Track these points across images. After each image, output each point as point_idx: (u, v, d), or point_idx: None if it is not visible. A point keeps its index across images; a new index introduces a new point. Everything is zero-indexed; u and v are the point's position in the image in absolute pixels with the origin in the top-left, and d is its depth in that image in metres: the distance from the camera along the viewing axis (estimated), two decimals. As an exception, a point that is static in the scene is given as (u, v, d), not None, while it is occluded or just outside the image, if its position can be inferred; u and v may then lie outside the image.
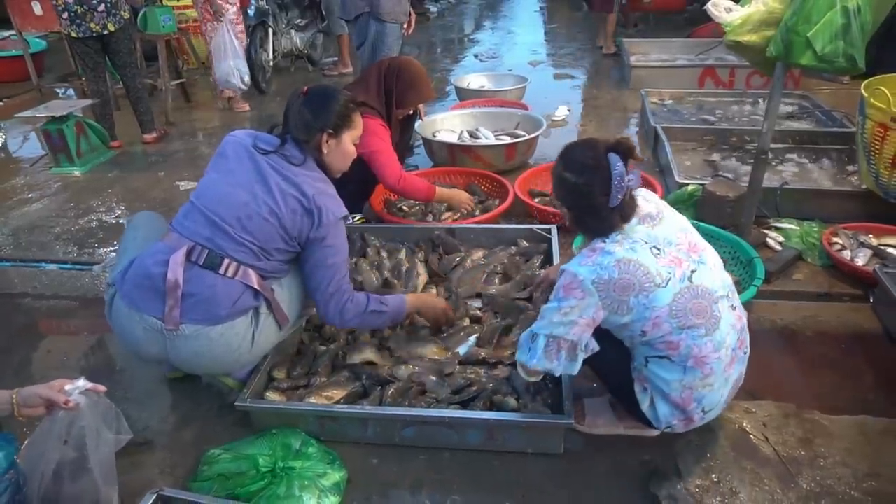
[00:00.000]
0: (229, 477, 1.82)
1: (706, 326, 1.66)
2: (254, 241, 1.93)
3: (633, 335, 1.69)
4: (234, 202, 1.94)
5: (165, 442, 2.07)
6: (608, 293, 1.61)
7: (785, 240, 3.00)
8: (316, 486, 1.77)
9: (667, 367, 1.70)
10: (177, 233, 1.96)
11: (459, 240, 2.92)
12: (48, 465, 1.62)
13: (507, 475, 1.88)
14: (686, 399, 1.72)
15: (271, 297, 2.00)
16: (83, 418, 1.62)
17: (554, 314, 1.66)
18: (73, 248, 3.41)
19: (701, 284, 1.67)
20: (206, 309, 1.90)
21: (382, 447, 1.97)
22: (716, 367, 1.70)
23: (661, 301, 1.61)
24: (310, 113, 2.02)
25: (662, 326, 1.63)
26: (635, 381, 1.77)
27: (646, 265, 1.61)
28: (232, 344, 1.95)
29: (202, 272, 1.90)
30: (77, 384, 1.60)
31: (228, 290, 1.91)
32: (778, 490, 1.79)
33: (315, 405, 1.99)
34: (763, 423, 2.02)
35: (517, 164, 3.96)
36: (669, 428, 1.79)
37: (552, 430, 1.88)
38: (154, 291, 1.90)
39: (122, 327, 1.98)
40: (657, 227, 1.69)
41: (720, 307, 1.70)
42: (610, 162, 1.60)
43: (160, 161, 4.64)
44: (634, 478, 1.85)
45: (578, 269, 1.64)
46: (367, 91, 2.99)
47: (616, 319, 1.65)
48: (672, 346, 1.66)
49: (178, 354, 1.96)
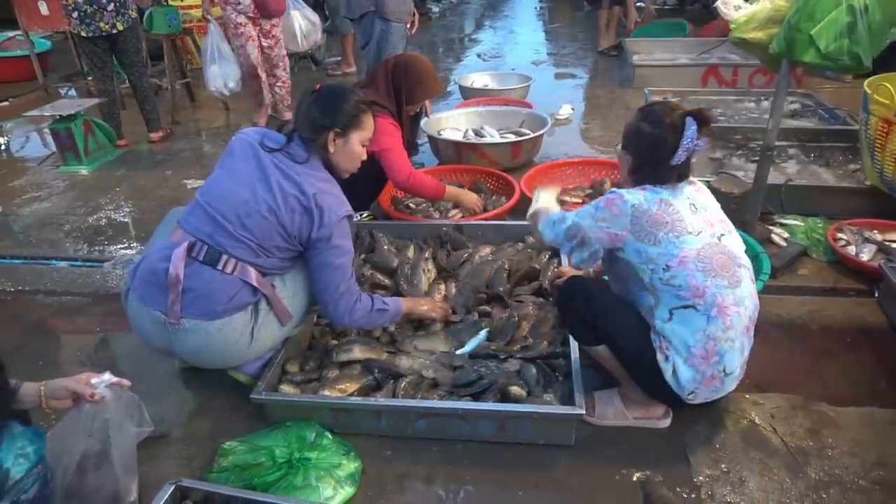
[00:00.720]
0: (245, 468, 1.85)
1: (729, 280, 1.75)
2: (252, 238, 1.95)
3: (657, 269, 1.75)
4: (235, 199, 1.96)
5: (181, 435, 2.09)
6: (640, 222, 1.76)
7: (790, 236, 3.02)
8: (332, 476, 1.80)
9: (691, 317, 1.75)
10: (182, 229, 2.00)
11: (467, 236, 2.95)
12: (72, 457, 1.65)
13: (519, 466, 1.90)
14: (710, 351, 1.76)
15: (271, 293, 2.01)
16: (107, 411, 1.66)
17: (588, 215, 1.85)
18: (83, 245, 3.44)
19: (728, 246, 1.79)
20: (205, 304, 1.93)
21: (396, 439, 2.00)
22: (736, 322, 1.76)
23: (690, 244, 1.74)
24: (318, 111, 2.03)
25: (688, 265, 1.73)
26: (657, 351, 1.80)
27: (682, 213, 1.76)
28: (230, 339, 1.98)
29: (202, 268, 1.93)
30: (103, 378, 1.63)
31: (225, 286, 1.93)
32: (787, 479, 1.82)
33: (329, 397, 2.01)
34: (771, 415, 2.05)
35: (522, 162, 3.99)
36: (692, 394, 1.81)
37: (564, 421, 1.90)
38: (159, 286, 1.94)
39: (134, 320, 2.05)
40: (699, 193, 1.86)
41: (742, 273, 1.79)
42: (685, 123, 1.75)
43: (167, 159, 4.67)
44: (645, 468, 1.88)
45: (626, 193, 1.80)
46: (376, 90, 3.02)
47: (643, 247, 1.76)
48: (698, 291, 1.72)
49: (181, 347, 2.01)
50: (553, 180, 3.65)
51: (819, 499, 1.76)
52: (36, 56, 6.55)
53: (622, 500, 1.79)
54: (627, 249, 1.80)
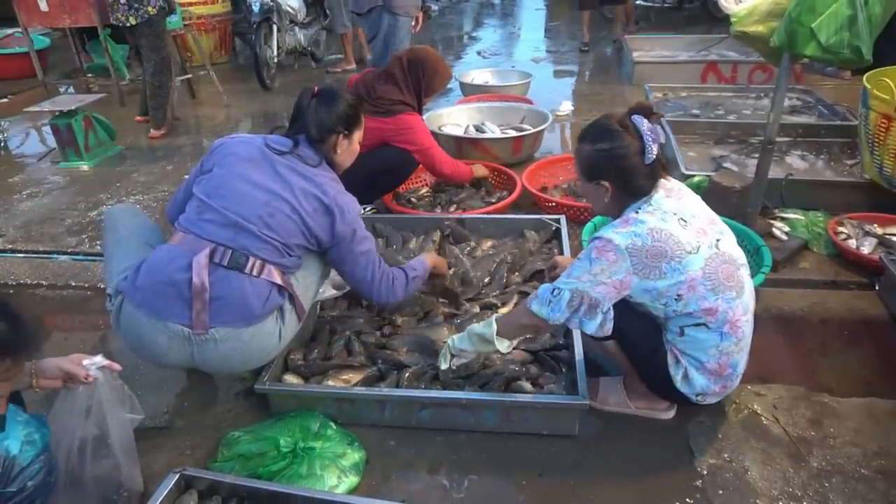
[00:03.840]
0: (250, 457, 1.85)
1: (736, 289, 1.73)
2: (277, 238, 1.90)
3: (669, 301, 1.71)
4: (254, 202, 1.90)
5: (184, 425, 2.09)
6: (640, 259, 1.66)
7: (790, 230, 3.03)
8: (336, 465, 1.81)
9: (703, 334, 1.74)
10: (190, 233, 1.90)
11: (469, 230, 2.96)
12: (72, 442, 1.64)
13: (523, 455, 1.91)
14: (723, 365, 1.77)
15: (293, 291, 1.99)
16: (101, 393, 1.63)
17: (583, 273, 1.70)
18: (85, 239, 3.43)
19: (727, 251, 1.75)
20: (237, 311, 1.86)
21: (399, 429, 2.00)
22: (746, 331, 1.77)
23: (693, 265, 1.67)
24: (326, 113, 2.03)
25: (698, 289, 1.68)
26: (668, 354, 1.80)
27: (675, 235, 1.67)
28: (263, 343, 1.94)
29: (227, 273, 1.85)
30: (94, 360, 1.62)
31: (257, 289, 1.87)
32: (789, 468, 1.83)
33: (333, 387, 2.02)
34: (773, 406, 2.06)
35: (524, 158, 3.99)
36: (701, 396, 1.82)
37: (567, 410, 1.91)
38: (179, 298, 1.83)
39: (140, 337, 1.89)
40: (681, 201, 1.76)
41: (742, 274, 1.78)
42: (635, 122, 1.70)
43: (167, 155, 4.67)
44: (648, 458, 1.88)
45: (613, 234, 1.69)
46: (399, 89, 3.06)
47: (651, 284, 1.69)
48: (710, 311, 1.70)
49: (205, 359, 1.91)
50: (554, 175, 3.66)
51: (821, 487, 1.77)
52: (35, 53, 6.54)
53: (626, 489, 1.79)
54: (635, 292, 1.72)
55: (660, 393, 1.93)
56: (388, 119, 3.03)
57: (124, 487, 1.75)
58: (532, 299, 1.81)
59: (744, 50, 5.71)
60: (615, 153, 1.71)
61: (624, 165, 1.71)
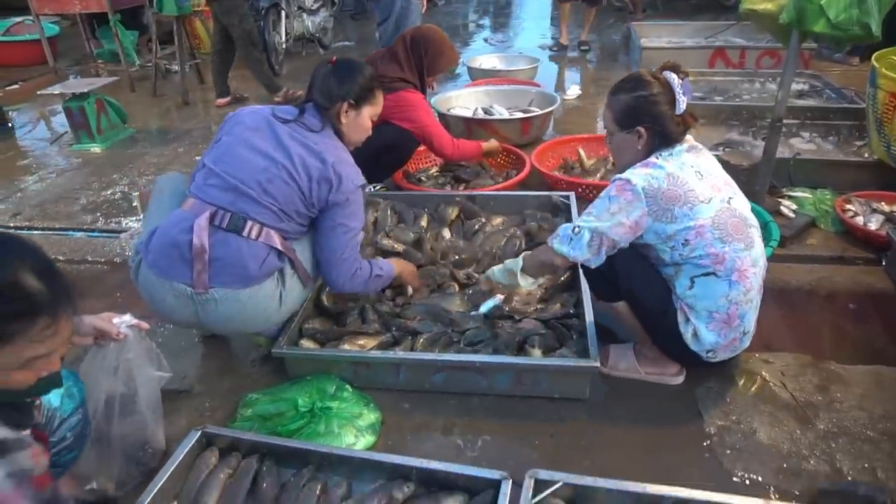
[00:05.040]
0: (268, 418, 1.90)
1: (744, 242, 1.79)
2: (275, 203, 1.95)
3: (677, 245, 1.77)
4: (253, 167, 1.95)
5: (203, 390, 2.14)
6: (656, 201, 1.74)
7: (798, 207, 3.06)
8: (353, 425, 1.85)
9: (712, 284, 1.79)
10: (197, 199, 1.97)
11: (479, 206, 2.99)
12: (99, 398, 1.68)
13: (535, 417, 1.95)
14: (732, 315, 1.81)
15: (294, 256, 2.04)
16: (130, 351, 1.67)
17: (602, 211, 1.78)
18: (100, 217, 3.48)
19: (738, 209, 1.81)
20: (234, 272, 1.93)
21: (414, 393, 2.05)
22: (754, 283, 1.82)
23: (704, 214, 1.75)
24: (335, 81, 2.06)
25: (705, 236, 1.75)
26: (678, 313, 1.84)
27: (690, 183, 1.76)
28: (261, 305, 2.00)
29: (226, 235, 1.92)
30: (124, 318, 1.66)
31: (254, 252, 1.94)
32: (797, 430, 1.87)
33: (349, 351, 2.06)
34: (781, 372, 2.09)
35: (532, 139, 4.02)
36: (711, 353, 1.86)
37: (578, 374, 1.95)
38: (181, 258, 1.92)
39: (152, 295, 2.01)
40: (700, 158, 1.85)
41: (752, 232, 1.83)
42: (666, 76, 1.81)
43: (178, 137, 4.72)
44: (657, 421, 1.92)
45: (632, 175, 1.78)
46: (399, 65, 3.06)
47: (661, 227, 1.76)
48: (717, 259, 1.76)
49: (209, 318, 1.98)
50: (563, 155, 3.69)
51: (828, 447, 1.80)
52: (46, 40, 6.59)
53: (635, 450, 1.83)
54: (647, 234, 1.79)
55: (670, 353, 1.96)
56: (388, 96, 3.00)
57: (149, 444, 1.79)
58: (553, 238, 1.87)
59: (752, 36, 5.73)
60: (651, 99, 1.80)
61: (659, 112, 1.80)
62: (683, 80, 1.81)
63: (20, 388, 1.11)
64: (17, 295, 1.04)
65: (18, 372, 1.08)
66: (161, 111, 5.44)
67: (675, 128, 1.82)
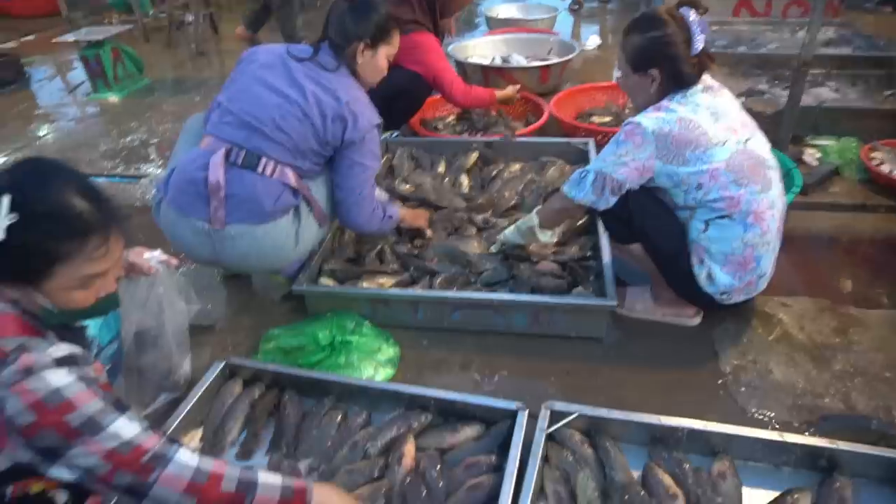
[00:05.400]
0: (289, 351, 1.94)
1: (762, 184, 1.76)
2: (289, 140, 1.95)
3: (690, 189, 1.75)
4: (268, 104, 1.95)
5: (226, 326, 2.19)
6: (665, 144, 1.71)
7: (822, 156, 3.01)
8: (372, 359, 1.89)
9: (727, 227, 1.77)
10: (213, 137, 1.98)
11: (497, 153, 2.97)
12: (129, 330, 1.73)
13: (551, 355, 1.97)
14: (747, 258, 1.80)
15: (309, 195, 2.05)
16: (160, 285, 1.72)
17: (609, 155, 1.79)
18: (120, 163, 3.51)
19: (755, 150, 1.77)
20: (249, 208, 1.94)
21: (432, 331, 2.08)
22: (771, 226, 1.79)
23: (717, 156, 1.71)
24: (351, 20, 2.03)
25: (719, 179, 1.72)
26: (692, 255, 1.83)
27: (704, 126, 1.71)
28: (277, 241, 2.01)
29: (242, 172, 1.93)
30: (154, 254, 1.70)
31: (269, 188, 1.94)
32: (812, 370, 1.88)
33: (368, 289, 2.09)
34: (799, 315, 2.09)
35: (551, 88, 3.96)
36: (726, 294, 1.85)
37: (595, 313, 1.96)
38: (198, 195, 1.94)
39: (173, 232, 2.05)
40: (717, 98, 1.79)
41: (770, 174, 1.79)
42: (683, 13, 1.74)
43: (194, 87, 4.71)
44: (672, 360, 1.94)
45: (643, 119, 1.74)
46: (412, 8, 2.98)
47: (672, 170, 1.74)
48: (733, 202, 1.73)
49: (226, 255, 2.02)
50: (581, 104, 3.63)
51: (843, 387, 1.81)
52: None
53: (650, 388, 1.85)
54: (659, 177, 1.78)
55: (684, 295, 1.97)
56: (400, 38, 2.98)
57: (176, 374, 1.85)
58: (564, 183, 1.90)
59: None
60: (664, 40, 1.73)
61: (672, 53, 1.73)
62: (701, 19, 1.74)
63: (82, 307, 1.15)
64: (68, 215, 1.08)
65: (79, 292, 1.13)
66: (176, 62, 5.42)
67: (689, 69, 1.76)
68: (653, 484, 1.47)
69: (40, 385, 1.01)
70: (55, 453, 1.01)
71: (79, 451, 1.01)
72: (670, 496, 1.43)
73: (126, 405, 1.10)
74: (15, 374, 1.02)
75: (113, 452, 1.02)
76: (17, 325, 1.09)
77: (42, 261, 1.07)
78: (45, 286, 1.09)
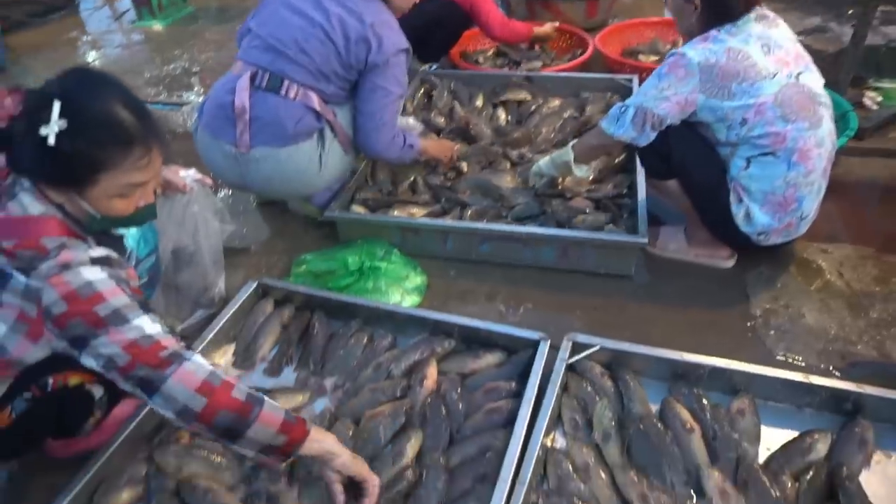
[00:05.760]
0: (320, 275, 1.98)
1: (810, 121, 1.68)
2: (312, 63, 1.96)
3: (733, 125, 1.69)
4: (291, 26, 1.96)
5: (260, 250, 2.25)
6: (710, 77, 1.65)
7: (884, 99, 2.84)
8: (400, 285, 1.92)
9: (770, 164, 1.71)
10: (242, 61, 2.02)
11: (537, 88, 2.90)
12: (166, 247, 1.79)
13: (578, 291, 1.97)
14: (789, 198, 1.74)
15: (333, 119, 2.05)
16: (195, 204, 1.76)
17: (650, 89, 1.73)
18: (163, 90, 3.56)
19: (807, 85, 1.69)
20: (272, 131, 1.97)
21: (460, 261, 2.09)
22: (817, 165, 1.72)
23: (766, 90, 1.64)
24: None
25: (766, 114, 1.65)
26: (731, 192, 1.78)
27: (754, 58, 1.64)
28: (300, 165, 2.04)
29: (265, 95, 1.96)
30: (189, 172, 1.74)
31: (291, 110, 1.96)
32: (847, 317, 1.83)
33: (399, 217, 2.10)
34: (839, 262, 2.03)
35: (598, 22, 3.81)
36: (763, 235, 1.80)
37: (626, 249, 1.94)
38: (226, 119, 1.99)
39: (206, 156, 2.12)
40: (771, 29, 1.71)
41: (821, 111, 1.71)
42: None
43: (237, 15, 4.69)
44: (701, 300, 1.91)
45: (688, 50, 1.68)
46: None
47: (716, 104, 1.67)
48: (778, 138, 1.67)
49: (251, 178, 2.07)
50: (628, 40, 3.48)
51: (878, 335, 1.76)
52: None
53: (676, 326, 1.83)
54: (701, 111, 1.71)
55: (720, 234, 1.92)
56: None
57: (211, 291, 1.92)
58: (603, 118, 1.84)
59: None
60: None
61: None
62: None
63: (121, 215, 1.19)
64: (115, 124, 1.11)
65: (120, 200, 1.17)
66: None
67: (732, 3, 1.67)
68: (670, 417, 1.47)
69: (75, 279, 1.07)
70: (83, 342, 1.07)
71: (103, 340, 1.06)
72: (686, 429, 1.44)
73: (151, 310, 1.15)
74: (53, 268, 1.07)
75: (133, 343, 1.06)
76: (61, 228, 1.14)
77: (87, 167, 1.11)
78: (88, 192, 1.14)
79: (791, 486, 1.33)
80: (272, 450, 1.13)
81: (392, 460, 1.41)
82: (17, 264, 1.09)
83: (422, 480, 1.38)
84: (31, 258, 1.09)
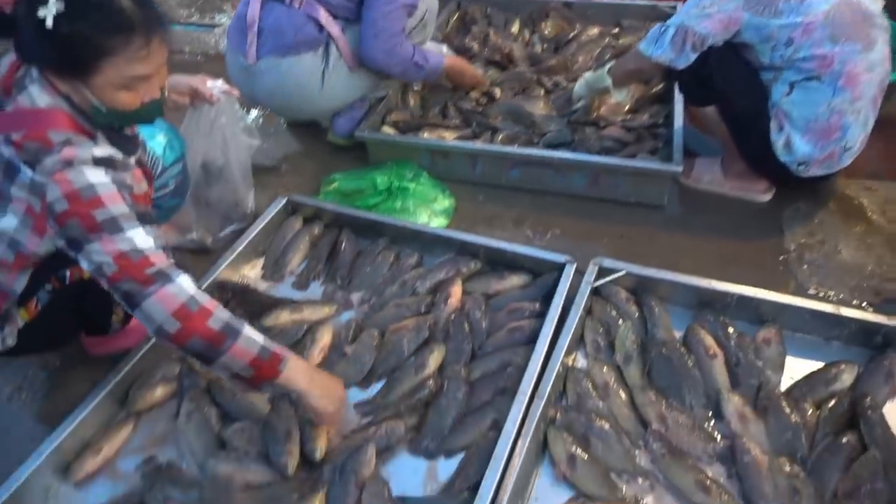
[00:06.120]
0: (348, 194, 1.99)
1: (863, 43, 1.60)
2: None
3: (778, 45, 1.62)
4: None
5: (290, 169, 2.26)
6: None
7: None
8: (428, 207, 1.92)
9: (814, 90, 1.64)
10: None
11: (576, 14, 2.80)
12: (195, 160, 1.80)
13: (607, 219, 1.94)
14: (833, 125, 1.67)
15: (338, 34, 2.02)
16: (223, 116, 1.76)
17: (692, 7, 1.66)
18: (195, 12, 3.52)
19: (863, 3, 1.60)
20: (274, 39, 2.01)
21: (489, 186, 2.07)
22: (866, 91, 1.64)
23: (816, 7, 1.56)
24: None
25: (814, 35, 1.57)
26: (772, 119, 1.72)
27: None
28: (301, 80, 2.05)
29: (272, 5, 2.01)
30: (216, 83, 1.73)
31: (293, 19, 1.99)
32: (886, 255, 1.78)
33: (428, 139, 2.09)
34: (883, 200, 1.96)
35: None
36: (803, 165, 1.74)
37: (658, 178, 1.90)
38: (241, 31, 2.05)
39: (230, 71, 2.17)
40: None
41: (876, 34, 1.62)
42: None
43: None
44: (733, 233, 1.87)
45: None
46: None
47: (762, 22, 1.60)
48: (825, 62, 1.59)
49: (258, 91, 2.11)
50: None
51: (917, 273, 1.72)
52: None
53: (705, 257, 1.80)
54: (746, 30, 1.63)
55: (757, 165, 1.86)
56: None
57: (240, 206, 1.94)
58: (642, 40, 1.77)
59: None
60: None
61: None
62: None
63: (127, 109, 1.19)
64: (113, 9, 1.09)
65: (124, 92, 1.16)
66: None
67: None
68: (693, 343, 1.47)
69: (78, 178, 1.08)
70: (78, 245, 1.09)
71: (96, 246, 1.08)
72: (709, 355, 1.44)
73: (152, 219, 1.16)
74: (56, 164, 1.09)
75: (123, 255, 1.08)
76: (68, 122, 1.14)
77: (87, 52, 1.09)
78: (92, 81, 1.12)
79: (812, 413, 1.33)
80: (243, 379, 1.17)
81: (415, 370, 1.45)
82: (24, 157, 1.11)
83: (443, 390, 1.41)
84: (36, 151, 1.10)
